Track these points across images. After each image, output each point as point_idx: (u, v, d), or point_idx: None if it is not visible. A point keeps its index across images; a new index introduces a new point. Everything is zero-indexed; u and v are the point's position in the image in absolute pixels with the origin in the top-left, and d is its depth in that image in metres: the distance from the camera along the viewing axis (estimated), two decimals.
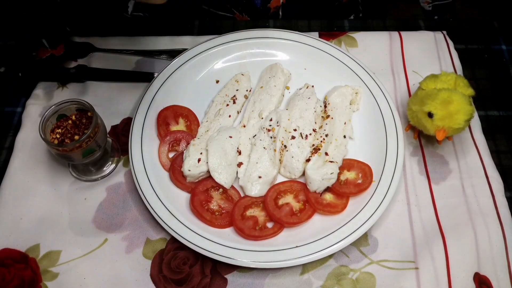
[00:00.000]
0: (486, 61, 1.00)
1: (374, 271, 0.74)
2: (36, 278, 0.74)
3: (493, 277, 0.74)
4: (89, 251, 0.76)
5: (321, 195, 0.79)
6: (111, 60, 0.97)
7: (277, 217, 0.76)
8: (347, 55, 0.94)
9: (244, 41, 0.96)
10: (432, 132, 0.78)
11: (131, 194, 0.82)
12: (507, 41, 1.03)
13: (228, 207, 0.79)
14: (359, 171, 0.81)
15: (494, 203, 0.80)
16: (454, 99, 0.75)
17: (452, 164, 0.85)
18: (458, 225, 0.78)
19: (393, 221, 0.79)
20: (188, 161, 0.80)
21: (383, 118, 0.86)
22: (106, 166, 0.84)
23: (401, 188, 0.82)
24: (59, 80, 0.94)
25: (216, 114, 0.89)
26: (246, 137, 0.86)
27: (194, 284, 0.73)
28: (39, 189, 0.82)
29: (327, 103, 0.89)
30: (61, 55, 0.96)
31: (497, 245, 0.76)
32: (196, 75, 0.93)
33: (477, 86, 0.96)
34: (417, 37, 1.01)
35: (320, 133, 0.85)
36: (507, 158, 0.87)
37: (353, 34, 1.01)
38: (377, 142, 0.84)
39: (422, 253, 0.75)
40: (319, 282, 0.74)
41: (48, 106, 0.87)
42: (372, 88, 0.89)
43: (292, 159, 0.81)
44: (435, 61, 0.97)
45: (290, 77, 0.94)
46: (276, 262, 0.72)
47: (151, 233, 0.78)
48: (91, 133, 0.74)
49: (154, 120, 0.87)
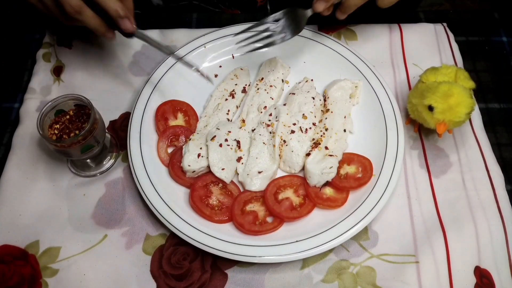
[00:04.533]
0: (487, 53, 1.00)
1: (374, 265, 0.74)
2: (36, 274, 0.74)
3: (494, 271, 0.74)
4: (89, 247, 0.76)
5: (320, 189, 0.79)
6: (111, 48, 0.97)
7: (277, 211, 0.76)
8: (347, 48, 0.93)
9: (243, 34, 0.95)
10: (433, 126, 0.78)
11: (130, 189, 0.81)
12: (507, 33, 1.02)
13: (227, 202, 0.78)
14: (359, 165, 0.81)
15: (494, 196, 0.80)
16: (454, 92, 0.74)
17: (452, 157, 0.84)
18: (458, 218, 0.78)
19: (393, 215, 0.79)
20: (187, 156, 0.79)
21: (383, 111, 0.85)
22: (105, 161, 0.84)
23: (401, 182, 0.82)
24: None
25: (215, 109, 0.88)
26: (246, 131, 0.85)
27: (194, 279, 0.73)
28: (38, 185, 0.81)
29: (326, 97, 0.89)
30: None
31: (498, 239, 0.76)
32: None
33: (477, 78, 0.95)
34: (417, 30, 1.00)
35: (319, 127, 0.85)
36: (507, 151, 0.87)
37: (353, 27, 1.00)
38: (377, 136, 0.84)
39: (423, 246, 0.75)
40: (320, 277, 0.74)
41: (45, 101, 0.87)
42: (372, 82, 0.89)
43: (292, 153, 0.81)
44: (435, 54, 0.96)
45: (289, 70, 0.94)
46: (276, 256, 0.72)
47: (151, 229, 0.78)
48: (89, 129, 0.73)
49: (152, 115, 0.86)
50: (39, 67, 0.94)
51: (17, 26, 1.02)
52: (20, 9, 1.05)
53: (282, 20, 0.83)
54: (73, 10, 0.73)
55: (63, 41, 0.98)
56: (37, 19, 1.01)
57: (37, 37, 1.00)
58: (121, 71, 0.95)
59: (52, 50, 0.97)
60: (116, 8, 0.74)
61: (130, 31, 0.78)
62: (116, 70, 0.95)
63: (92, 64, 0.95)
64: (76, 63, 0.95)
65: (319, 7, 0.80)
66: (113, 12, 0.75)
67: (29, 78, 0.93)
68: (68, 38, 0.98)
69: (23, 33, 1.02)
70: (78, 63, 0.95)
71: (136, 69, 0.95)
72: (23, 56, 0.98)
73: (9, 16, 1.05)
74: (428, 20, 1.03)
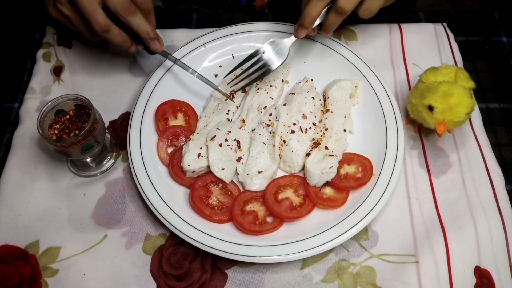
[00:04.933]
0: (487, 53, 1.00)
1: (374, 265, 0.74)
2: (36, 274, 0.74)
3: (494, 271, 0.74)
4: (89, 247, 0.76)
5: (320, 189, 0.79)
6: (111, 48, 0.97)
7: (277, 211, 0.76)
8: (347, 48, 0.93)
9: (243, 34, 0.95)
10: (433, 126, 0.78)
11: (130, 189, 0.81)
12: (507, 33, 1.02)
13: (227, 202, 0.78)
14: (359, 165, 0.81)
15: (494, 196, 0.80)
16: (454, 92, 0.74)
17: (452, 157, 0.84)
18: (458, 218, 0.78)
19: (393, 215, 0.79)
20: (187, 156, 0.79)
21: (383, 111, 0.85)
22: (105, 161, 0.84)
23: (401, 182, 0.82)
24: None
25: (214, 109, 0.88)
26: (246, 131, 0.85)
27: (194, 279, 0.73)
28: (38, 185, 0.81)
29: (326, 96, 0.89)
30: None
31: (498, 239, 0.76)
32: (195, 70, 0.92)
33: (477, 78, 0.95)
34: (417, 29, 1.00)
35: (319, 127, 0.85)
36: (507, 151, 0.87)
37: (353, 27, 1.00)
38: (377, 136, 0.84)
39: (423, 246, 0.75)
40: (320, 277, 0.74)
41: (45, 101, 0.87)
42: (372, 81, 0.89)
43: (292, 153, 0.81)
44: (435, 54, 0.96)
45: (289, 70, 0.94)
46: (276, 256, 0.72)
47: (151, 229, 0.78)
48: (89, 129, 0.73)
49: (152, 115, 0.86)
50: (39, 67, 0.94)
51: (17, 26, 1.02)
52: (20, 9, 1.05)
53: (266, 52, 0.86)
54: (101, 29, 0.75)
55: (63, 41, 0.98)
56: (37, 19, 1.01)
57: (37, 37, 1.00)
58: (121, 71, 0.95)
59: (52, 50, 0.97)
60: (147, 30, 0.78)
61: (159, 51, 0.83)
62: (116, 70, 0.95)
63: (92, 64, 0.95)
64: (76, 63, 0.95)
65: (300, 35, 0.82)
66: (144, 35, 0.79)
67: (29, 78, 0.93)
68: (68, 38, 0.98)
69: (23, 33, 1.02)
70: (78, 63, 0.95)
71: (136, 69, 0.95)
72: (23, 56, 0.98)
73: (9, 16, 1.05)
74: (428, 20, 1.03)
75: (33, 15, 1.03)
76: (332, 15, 0.78)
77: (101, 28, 0.74)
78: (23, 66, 0.97)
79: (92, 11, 0.73)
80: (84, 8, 0.73)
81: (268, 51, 0.86)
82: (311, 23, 0.79)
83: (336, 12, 0.77)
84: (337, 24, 0.80)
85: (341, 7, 0.75)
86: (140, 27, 0.77)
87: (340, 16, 0.77)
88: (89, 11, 0.73)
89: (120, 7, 0.74)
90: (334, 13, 0.77)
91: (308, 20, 0.79)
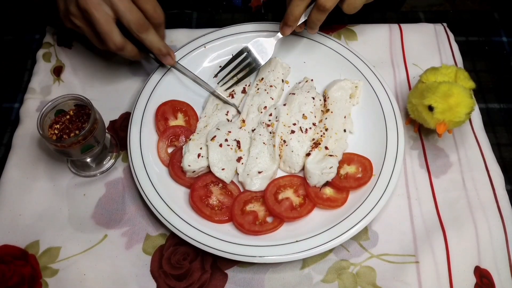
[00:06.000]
0: (487, 53, 1.00)
1: (374, 265, 0.74)
2: (36, 274, 0.74)
3: (494, 271, 0.74)
4: (89, 247, 0.76)
5: (321, 189, 0.79)
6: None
7: (277, 211, 0.76)
8: (347, 48, 0.93)
9: (243, 34, 0.95)
10: (433, 126, 0.78)
11: (130, 189, 0.81)
12: (507, 33, 1.02)
13: (227, 202, 0.78)
14: (359, 165, 0.81)
15: (494, 196, 0.80)
16: (454, 92, 0.74)
17: (452, 158, 0.84)
18: (458, 218, 0.78)
19: (393, 215, 0.79)
20: (187, 156, 0.79)
21: (383, 111, 0.85)
22: (105, 161, 0.84)
23: (401, 182, 0.82)
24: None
25: (214, 109, 0.88)
26: (246, 131, 0.85)
27: (194, 279, 0.73)
28: (38, 185, 0.81)
29: (326, 97, 0.89)
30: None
31: (498, 239, 0.76)
32: (194, 70, 0.92)
33: (477, 78, 0.95)
34: (417, 30, 1.00)
35: (319, 127, 0.85)
36: (507, 151, 0.87)
37: (353, 27, 1.00)
38: (377, 136, 0.84)
39: (423, 247, 0.75)
40: (320, 277, 0.74)
41: (45, 101, 0.87)
42: (372, 82, 0.89)
43: (292, 153, 0.81)
44: (435, 54, 0.96)
45: (289, 70, 0.94)
46: (276, 256, 0.72)
47: (151, 229, 0.78)
48: (89, 129, 0.73)
49: (152, 115, 0.86)
50: (39, 67, 0.94)
51: (17, 26, 1.02)
52: (20, 9, 1.05)
53: (250, 51, 0.88)
54: (117, 48, 0.77)
55: (63, 41, 0.98)
56: (37, 19, 1.01)
57: (37, 37, 1.00)
58: (121, 71, 0.95)
59: (52, 50, 0.97)
60: (160, 47, 0.81)
61: (171, 65, 0.86)
62: (116, 70, 0.95)
63: (92, 64, 0.95)
64: (76, 63, 0.95)
65: (286, 32, 0.85)
66: (156, 51, 0.81)
67: (29, 78, 0.93)
68: (68, 38, 0.98)
69: (23, 33, 1.01)
70: (78, 63, 0.95)
71: (136, 69, 0.95)
72: (23, 56, 0.98)
73: (9, 16, 1.05)
74: (428, 20, 1.03)
75: (33, 15, 1.03)
76: (314, 12, 0.80)
77: (117, 47, 0.77)
78: (23, 66, 0.97)
79: (109, 31, 0.74)
80: (101, 27, 0.74)
81: (251, 51, 0.88)
82: (294, 21, 0.82)
83: (318, 9, 0.79)
84: (321, 21, 0.81)
85: (322, 4, 0.77)
86: (153, 44, 0.79)
87: (322, 13, 0.79)
88: (106, 31, 0.74)
89: (134, 25, 0.75)
90: (316, 11, 0.79)
91: (292, 19, 0.81)
